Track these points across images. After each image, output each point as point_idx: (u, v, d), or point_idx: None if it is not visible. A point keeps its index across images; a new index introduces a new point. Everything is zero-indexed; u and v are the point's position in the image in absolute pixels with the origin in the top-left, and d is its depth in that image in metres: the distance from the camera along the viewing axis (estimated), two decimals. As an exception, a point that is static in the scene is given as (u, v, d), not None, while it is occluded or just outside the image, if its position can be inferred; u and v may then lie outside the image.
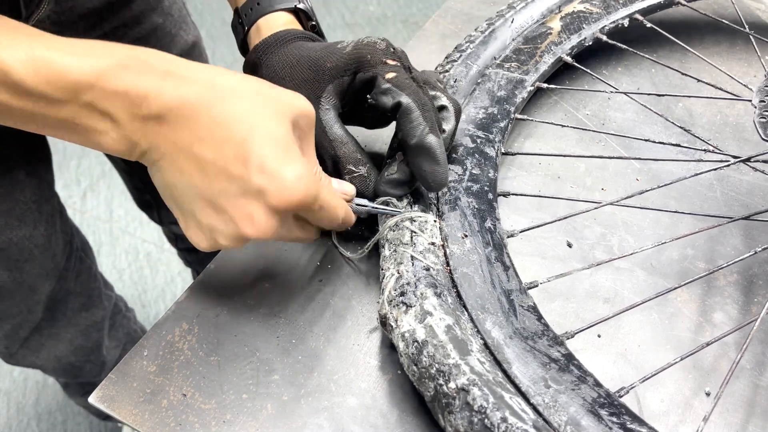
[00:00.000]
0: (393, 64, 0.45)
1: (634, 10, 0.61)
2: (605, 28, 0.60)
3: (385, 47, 0.46)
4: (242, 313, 0.46)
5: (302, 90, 0.45)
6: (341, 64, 0.45)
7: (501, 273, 0.43)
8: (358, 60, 0.45)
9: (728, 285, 0.47)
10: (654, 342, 0.44)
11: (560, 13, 0.61)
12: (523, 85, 0.55)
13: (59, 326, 0.84)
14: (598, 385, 0.37)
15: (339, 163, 0.45)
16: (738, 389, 0.42)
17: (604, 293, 0.47)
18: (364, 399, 0.41)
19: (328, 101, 0.45)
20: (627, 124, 0.59)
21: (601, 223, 0.51)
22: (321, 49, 0.46)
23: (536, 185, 0.54)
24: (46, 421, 1.34)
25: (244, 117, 0.37)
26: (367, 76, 0.45)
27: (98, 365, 0.97)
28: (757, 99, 0.48)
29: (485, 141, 0.51)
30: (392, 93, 0.44)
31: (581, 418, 0.35)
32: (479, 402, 0.34)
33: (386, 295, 0.41)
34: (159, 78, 0.36)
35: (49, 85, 0.34)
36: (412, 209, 0.46)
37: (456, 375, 0.36)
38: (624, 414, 0.35)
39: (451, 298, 0.41)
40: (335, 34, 2.09)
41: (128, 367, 0.43)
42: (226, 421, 0.41)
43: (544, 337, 0.39)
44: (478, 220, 0.45)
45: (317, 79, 0.45)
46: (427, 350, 0.37)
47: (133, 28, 0.68)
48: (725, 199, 0.53)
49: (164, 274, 1.56)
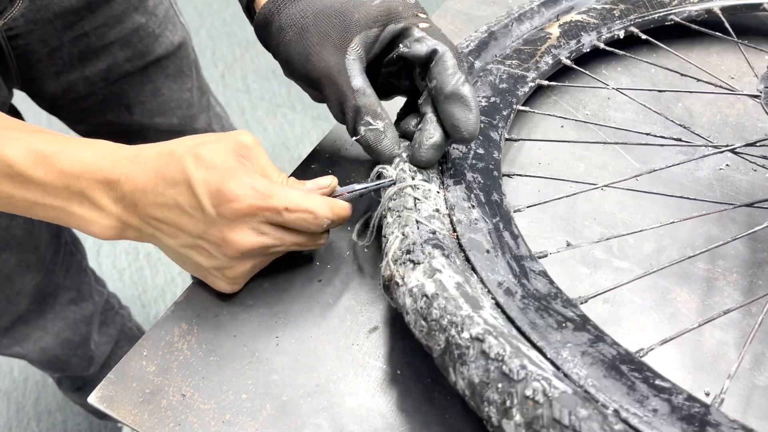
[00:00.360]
0: (425, 17, 0.45)
1: (629, 23, 0.62)
2: (602, 37, 0.61)
3: (415, 2, 0.46)
4: (242, 313, 0.46)
5: (328, 39, 0.45)
6: (371, 15, 0.45)
7: (510, 240, 0.42)
8: (389, 11, 0.45)
9: (728, 285, 0.47)
10: (654, 342, 0.44)
11: (558, 21, 0.61)
12: (524, 80, 0.56)
13: (47, 318, 0.85)
14: (616, 344, 0.35)
15: (358, 114, 0.44)
16: (738, 389, 0.42)
17: (603, 293, 0.47)
18: (364, 399, 0.41)
19: (354, 51, 0.44)
20: (627, 123, 0.59)
21: (600, 223, 0.51)
22: (346, 0, 0.46)
23: (536, 185, 0.54)
24: (46, 421, 1.34)
25: (185, 165, 0.40)
26: (398, 28, 0.45)
27: (85, 360, 0.98)
28: (762, 85, 0.49)
29: (489, 125, 0.51)
30: (427, 41, 0.44)
31: (602, 373, 0.33)
32: (496, 350, 0.33)
33: (390, 255, 0.40)
34: (124, 165, 0.41)
35: (46, 174, 0.40)
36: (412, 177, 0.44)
37: (469, 325, 0.34)
38: (646, 370, 0.34)
39: (459, 260, 0.39)
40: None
41: (127, 367, 0.43)
42: (225, 421, 0.41)
43: (558, 298, 0.38)
44: (484, 194, 0.45)
45: (344, 29, 0.44)
46: (437, 302, 0.36)
47: (114, 27, 0.68)
48: (725, 199, 0.53)
49: (164, 274, 1.56)
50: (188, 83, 0.80)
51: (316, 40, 0.45)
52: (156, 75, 0.75)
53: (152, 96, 0.76)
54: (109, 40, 0.68)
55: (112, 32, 0.68)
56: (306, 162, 0.55)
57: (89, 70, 0.69)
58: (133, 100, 0.75)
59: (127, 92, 0.74)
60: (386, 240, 0.42)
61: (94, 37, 0.66)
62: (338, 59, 0.44)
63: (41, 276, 0.78)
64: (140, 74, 0.73)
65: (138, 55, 0.71)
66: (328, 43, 0.44)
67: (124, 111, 0.75)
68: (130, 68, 0.72)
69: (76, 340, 0.92)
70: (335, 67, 0.44)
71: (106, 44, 0.68)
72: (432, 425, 0.40)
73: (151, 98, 0.76)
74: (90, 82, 0.70)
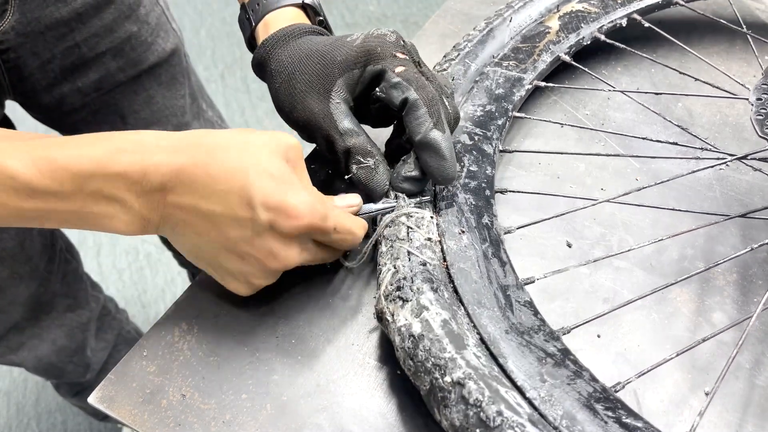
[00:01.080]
0: (402, 57, 0.45)
1: (632, 10, 0.61)
2: (603, 28, 0.60)
3: (395, 39, 0.46)
4: (242, 313, 0.46)
5: (313, 84, 0.46)
6: (351, 57, 0.45)
7: (498, 268, 0.43)
8: (368, 52, 0.45)
9: (728, 285, 0.47)
10: (653, 342, 0.44)
11: (558, 13, 0.61)
12: (521, 83, 0.55)
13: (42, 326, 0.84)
14: (593, 380, 0.37)
15: (348, 155, 0.45)
16: (737, 389, 0.42)
17: (603, 293, 0.47)
18: (363, 399, 0.41)
19: (338, 95, 0.45)
20: (627, 123, 0.59)
21: (600, 223, 0.51)
22: (330, 42, 0.47)
23: (536, 185, 0.54)
24: (46, 421, 1.34)
25: (238, 165, 0.39)
26: (376, 69, 0.45)
27: (81, 366, 0.97)
28: (754, 97, 0.48)
29: (483, 138, 0.51)
30: (401, 87, 0.44)
31: (577, 412, 0.35)
32: (475, 395, 0.34)
33: (383, 289, 0.41)
34: (153, 153, 0.38)
35: (54, 181, 0.36)
36: (408, 205, 0.45)
37: (452, 369, 0.36)
38: (620, 408, 0.35)
39: (447, 293, 0.41)
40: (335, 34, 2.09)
41: (128, 367, 0.43)
42: (225, 421, 0.41)
43: (541, 332, 0.39)
44: (475, 216, 0.45)
45: (327, 73, 0.45)
46: (423, 344, 0.37)
47: (106, 37, 0.67)
48: (725, 199, 0.53)
49: (164, 274, 1.56)
50: (181, 90, 0.80)
51: (301, 88, 0.46)
52: (149, 83, 0.75)
53: (146, 105, 0.76)
54: (100, 50, 0.67)
55: (103, 42, 0.67)
56: (306, 162, 0.55)
57: (81, 81, 0.68)
58: (126, 110, 0.74)
59: (120, 102, 0.73)
60: (379, 270, 0.43)
61: (86, 48, 0.66)
62: (322, 106, 0.45)
63: (35, 285, 0.78)
64: (133, 83, 0.73)
65: (131, 64, 0.71)
66: (313, 91, 0.45)
67: (119, 121, 0.75)
68: (122, 78, 0.71)
69: (72, 347, 0.92)
70: (320, 114, 0.45)
71: (98, 54, 0.67)
72: (432, 426, 0.40)
73: (145, 107, 0.76)
74: (83, 93, 0.69)
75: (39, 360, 0.89)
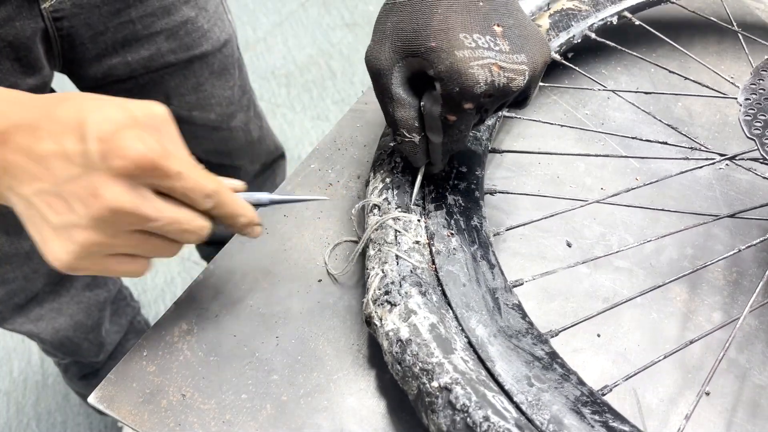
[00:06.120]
0: (468, 107, 0.41)
1: (622, 7, 0.61)
2: (594, 26, 0.60)
3: (482, 92, 0.40)
4: (241, 313, 0.46)
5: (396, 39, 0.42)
6: (435, 65, 0.41)
7: (486, 271, 0.42)
8: (447, 81, 0.40)
9: (728, 285, 0.47)
10: (653, 341, 0.44)
11: (549, 11, 0.60)
12: None
13: (62, 301, 0.85)
14: (581, 384, 0.37)
15: (395, 126, 0.44)
16: (737, 389, 0.42)
17: (603, 293, 0.47)
18: (363, 399, 0.41)
19: (407, 62, 0.42)
20: (626, 123, 0.59)
21: (600, 223, 0.51)
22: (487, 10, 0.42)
23: (535, 185, 0.54)
24: (46, 421, 1.34)
25: (84, 107, 0.36)
26: (436, 83, 0.41)
27: (96, 345, 0.99)
28: (743, 97, 0.48)
29: (472, 139, 0.51)
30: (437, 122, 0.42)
31: (564, 417, 0.35)
32: (462, 401, 0.34)
33: (371, 294, 0.41)
34: (6, 105, 0.36)
35: None
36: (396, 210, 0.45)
37: (439, 374, 0.36)
38: (606, 412, 0.35)
39: (435, 296, 0.41)
40: (334, 34, 2.09)
41: (128, 367, 0.43)
42: (225, 421, 0.41)
43: (528, 335, 0.39)
44: (464, 219, 0.45)
45: (416, 41, 0.41)
46: (410, 349, 0.37)
47: (162, 18, 0.68)
48: (724, 199, 0.53)
49: (164, 274, 1.56)
50: (231, 81, 0.81)
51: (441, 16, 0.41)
52: (200, 70, 0.75)
53: (193, 90, 0.77)
54: (155, 30, 0.68)
55: (159, 23, 0.68)
56: (306, 162, 0.56)
57: (131, 56, 0.69)
58: (173, 92, 0.75)
59: (168, 82, 0.74)
60: (367, 274, 0.43)
61: (140, 26, 0.66)
62: (394, 58, 0.42)
63: None
64: (183, 67, 0.74)
65: (183, 48, 0.72)
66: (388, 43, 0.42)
67: (163, 101, 0.74)
68: (173, 59, 0.72)
69: (88, 324, 0.93)
70: (386, 63, 0.42)
71: (152, 33, 0.68)
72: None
73: (192, 92, 0.77)
74: (131, 67, 0.70)
75: (56, 332, 0.89)
